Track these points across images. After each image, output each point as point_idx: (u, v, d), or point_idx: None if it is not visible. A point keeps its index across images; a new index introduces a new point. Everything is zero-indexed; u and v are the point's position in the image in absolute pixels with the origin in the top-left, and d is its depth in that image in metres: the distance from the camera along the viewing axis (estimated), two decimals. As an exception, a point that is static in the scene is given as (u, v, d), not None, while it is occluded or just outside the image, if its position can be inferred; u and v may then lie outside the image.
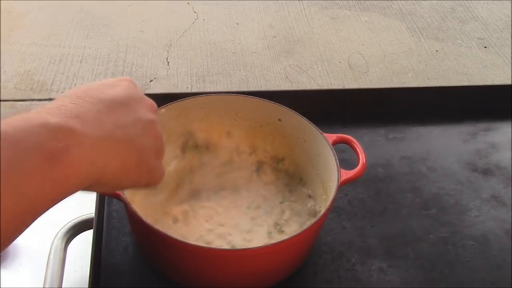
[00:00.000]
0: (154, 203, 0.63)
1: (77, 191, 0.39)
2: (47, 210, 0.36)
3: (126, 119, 0.43)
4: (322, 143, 0.63)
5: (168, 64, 1.95)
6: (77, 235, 0.67)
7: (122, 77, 0.48)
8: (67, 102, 0.40)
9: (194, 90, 1.86)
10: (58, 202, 0.37)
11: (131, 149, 0.43)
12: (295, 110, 0.67)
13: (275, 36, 2.15)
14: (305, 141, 0.66)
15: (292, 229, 0.63)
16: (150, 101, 0.48)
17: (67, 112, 0.39)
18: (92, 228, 0.63)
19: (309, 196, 0.66)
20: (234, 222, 0.63)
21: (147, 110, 0.47)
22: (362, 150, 0.63)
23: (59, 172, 0.36)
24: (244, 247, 0.59)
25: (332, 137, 0.64)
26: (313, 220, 0.58)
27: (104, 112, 0.42)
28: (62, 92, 1.78)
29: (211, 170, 0.69)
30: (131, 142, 0.43)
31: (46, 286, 0.60)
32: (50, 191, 0.36)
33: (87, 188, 0.41)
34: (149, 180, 0.48)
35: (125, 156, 0.43)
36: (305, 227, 0.56)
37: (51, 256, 0.63)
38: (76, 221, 0.69)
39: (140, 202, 0.61)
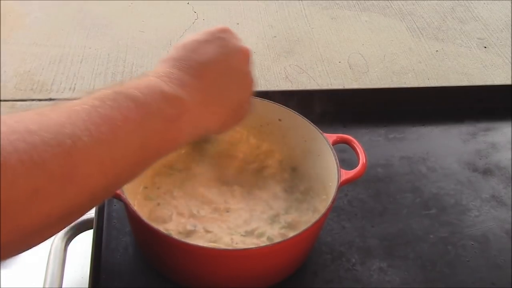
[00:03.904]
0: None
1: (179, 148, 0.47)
2: (153, 163, 0.44)
3: (224, 80, 0.49)
4: (322, 143, 0.63)
5: (168, 64, 1.94)
6: (77, 235, 0.67)
7: (220, 27, 0.53)
8: (176, 69, 0.46)
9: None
10: (162, 157, 0.45)
11: (228, 107, 0.50)
12: (295, 110, 0.67)
13: (275, 36, 2.15)
14: (305, 141, 0.66)
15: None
16: (245, 51, 0.53)
17: (177, 81, 0.45)
18: (92, 228, 0.63)
19: (309, 196, 0.66)
20: (233, 221, 0.63)
21: (242, 62, 0.52)
22: (362, 150, 0.63)
23: (172, 134, 0.44)
24: (243, 246, 0.59)
25: (332, 137, 0.64)
26: (313, 220, 0.58)
27: (206, 77, 0.47)
28: (62, 92, 1.78)
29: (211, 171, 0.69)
30: (228, 102, 0.50)
31: (46, 286, 0.60)
32: (163, 148, 0.44)
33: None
34: (239, 122, 0.54)
35: (223, 115, 0.50)
36: (305, 227, 0.56)
37: (51, 256, 0.63)
38: (76, 221, 0.68)
39: (140, 202, 0.61)
